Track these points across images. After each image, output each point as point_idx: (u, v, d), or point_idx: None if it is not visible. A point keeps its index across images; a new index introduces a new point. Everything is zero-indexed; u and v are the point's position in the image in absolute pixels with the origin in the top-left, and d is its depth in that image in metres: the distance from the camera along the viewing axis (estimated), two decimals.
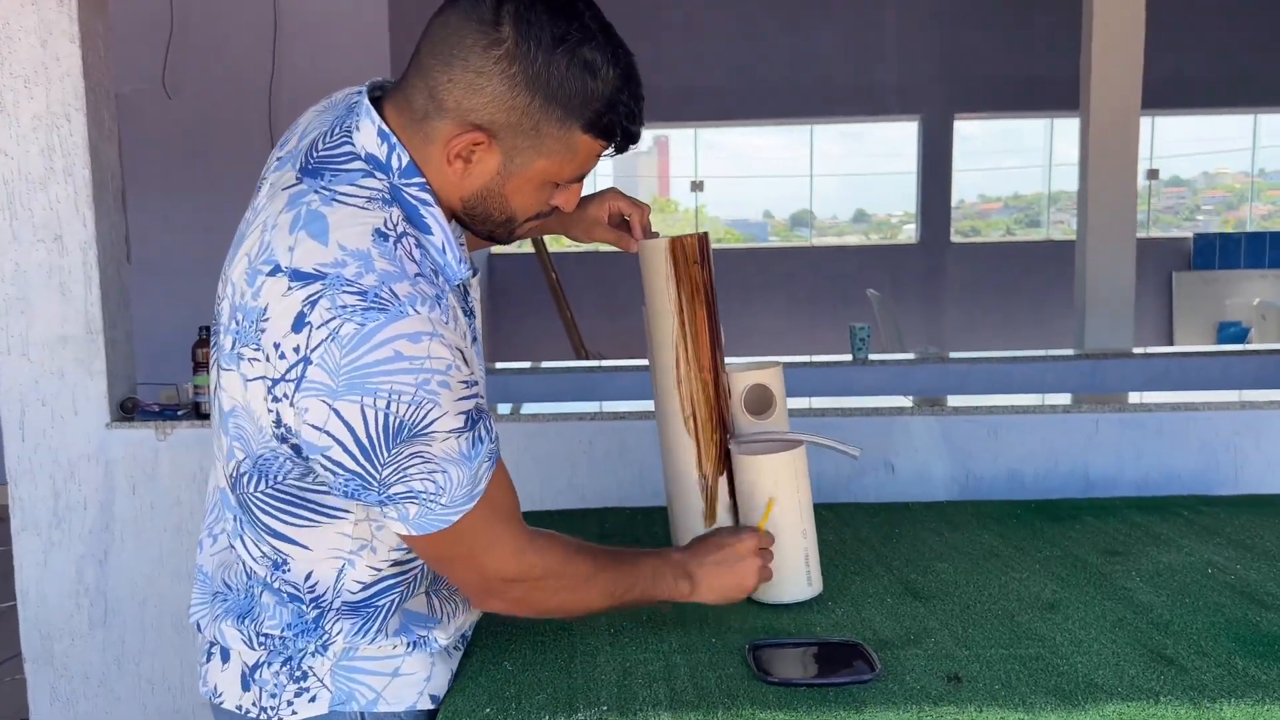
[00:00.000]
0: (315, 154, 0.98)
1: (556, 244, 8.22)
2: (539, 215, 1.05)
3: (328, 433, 0.90)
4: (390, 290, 0.89)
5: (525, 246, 7.72)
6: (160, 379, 2.69)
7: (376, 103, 0.99)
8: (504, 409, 2.61)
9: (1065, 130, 8.83)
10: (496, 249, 8.17)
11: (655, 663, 1.14)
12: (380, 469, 0.91)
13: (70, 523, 2.40)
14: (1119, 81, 4.33)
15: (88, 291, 2.33)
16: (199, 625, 1.09)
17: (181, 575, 2.43)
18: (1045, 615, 1.24)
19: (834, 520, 1.64)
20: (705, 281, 1.27)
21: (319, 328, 0.88)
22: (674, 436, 1.31)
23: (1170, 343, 8.25)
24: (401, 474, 0.91)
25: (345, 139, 0.98)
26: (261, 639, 1.04)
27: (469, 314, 1.05)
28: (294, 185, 0.96)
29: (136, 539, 2.42)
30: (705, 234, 1.28)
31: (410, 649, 1.07)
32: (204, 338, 2.42)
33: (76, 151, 2.30)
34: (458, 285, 1.00)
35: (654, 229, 1.33)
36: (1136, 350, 3.73)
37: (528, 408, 2.63)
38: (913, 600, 1.30)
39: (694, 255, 1.26)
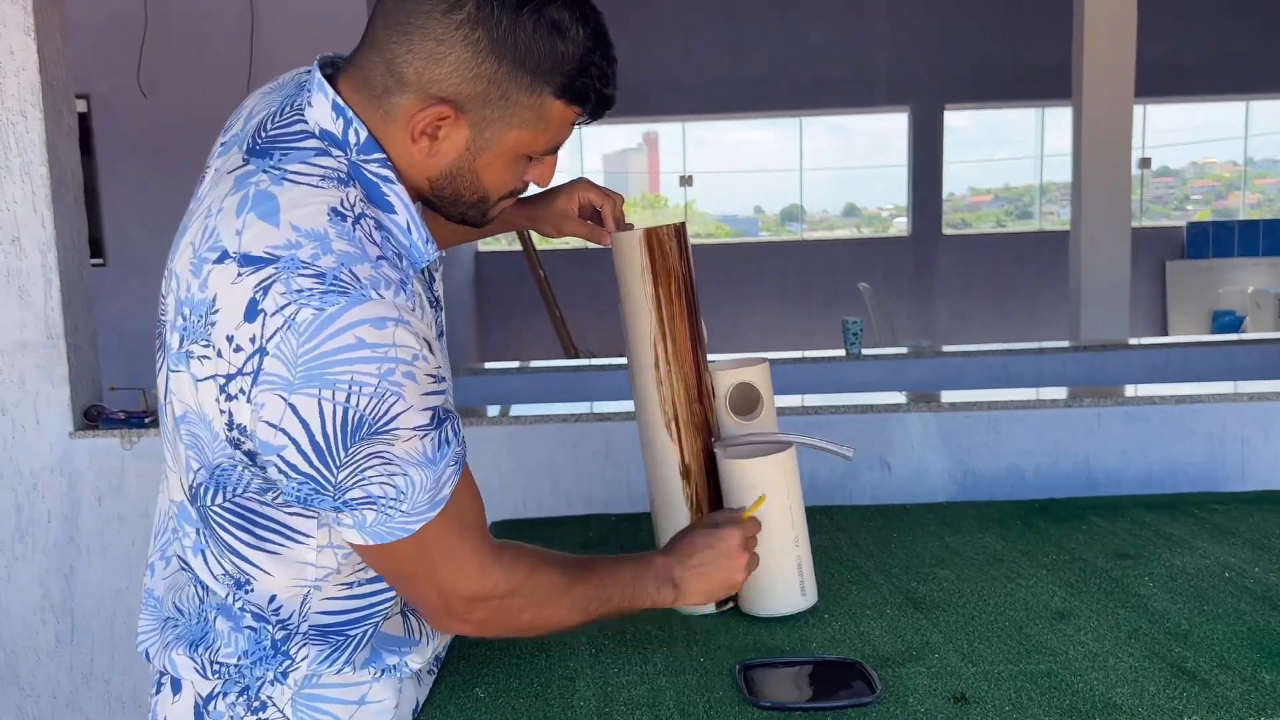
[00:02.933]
0: (264, 134, 0.90)
1: (545, 242, 8.13)
2: (513, 193, 0.98)
3: (283, 430, 0.82)
4: (350, 272, 0.81)
5: (513, 244, 7.63)
6: (137, 381, 2.60)
7: (330, 80, 0.91)
8: (492, 411, 2.52)
9: (1056, 120, 8.78)
10: (483, 245, 8.07)
11: (639, 686, 1.05)
12: (336, 471, 0.83)
13: (34, 536, 2.31)
14: (1112, 68, 4.27)
15: (48, 295, 2.23)
16: (148, 654, 1.01)
17: None
18: (1055, 626, 1.16)
19: (828, 525, 1.56)
20: (684, 274, 1.19)
21: (273, 315, 0.80)
22: (655, 440, 1.22)
23: (1164, 332, 8.22)
24: (359, 477, 0.83)
25: (297, 117, 0.91)
26: (216, 668, 0.95)
27: (435, 305, 0.97)
28: (240, 167, 0.89)
29: (103, 552, 2.33)
30: (682, 224, 1.20)
31: (379, 675, 0.99)
32: None
33: (34, 149, 2.21)
34: (423, 272, 0.93)
35: (630, 221, 1.24)
36: (1134, 341, 3.66)
37: (513, 409, 2.55)
38: (914, 611, 1.22)
39: (671, 247, 1.17)
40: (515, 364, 3.89)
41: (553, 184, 1.26)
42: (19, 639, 2.33)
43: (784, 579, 1.20)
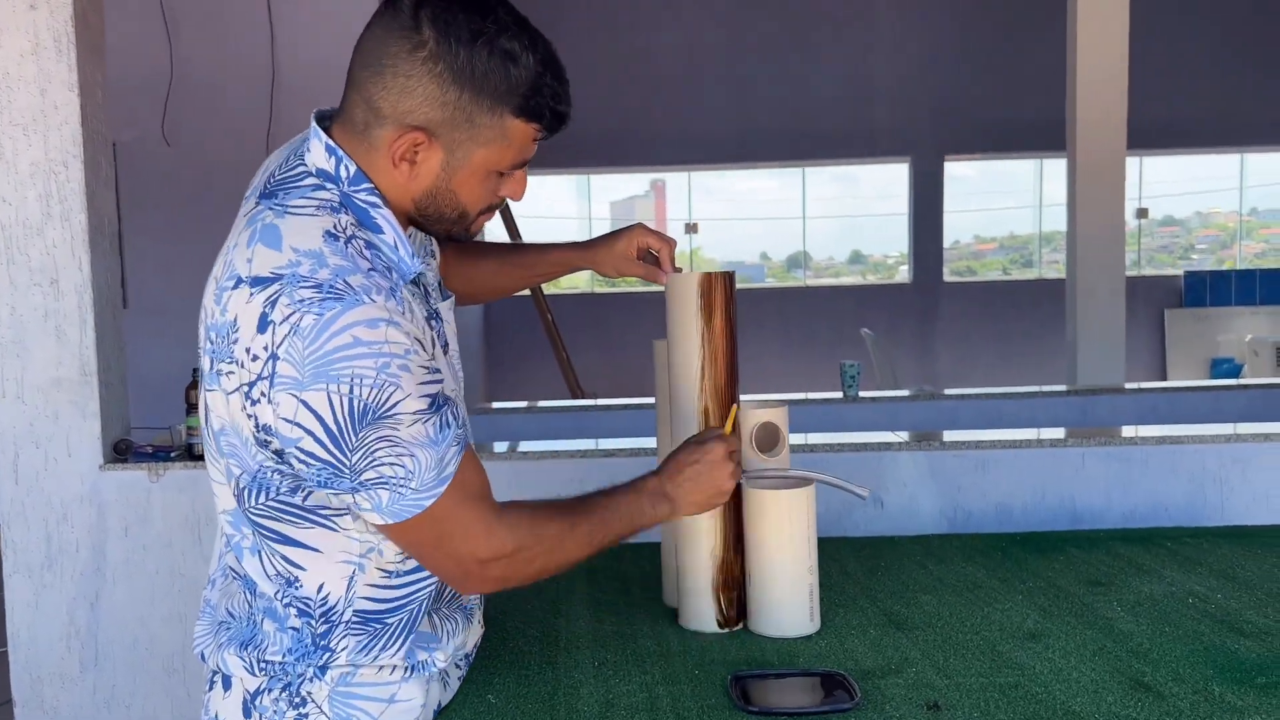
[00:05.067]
0: (273, 180, 1.04)
1: (552, 287, 8.27)
2: (490, 208, 1.10)
3: (298, 424, 0.93)
4: (345, 282, 0.94)
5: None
6: (155, 422, 2.71)
7: (326, 130, 1.05)
8: (500, 448, 2.62)
9: (1054, 171, 8.93)
10: None
11: (638, 694, 1.14)
12: (350, 454, 0.94)
13: (62, 565, 2.40)
14: (1104, 123, 4.40)
15: (83, 335, 2.35)
16: (203, 655, 1.11)
17: (173, 618, 2.43)
18: (1026, 645, 1.25)
19: (820, 555, 1.63)
20: (729, 316, 1.31)
21: (281, 324, 0.92)
22: None
23: (1164, 379, 8.28)
24: (370, 459, 0.94)
25: (299, 163, 1.04)
26: (263, 665, 1.06)
27: (435, 317, 1.09)
28: (252, 209, 1.02)
29: (128, 581, 2.42)
30: (731, 273, 1.33)
31: (408, 673, 1.08)
32: (196, 380, 2.44)
33: (74, 197, 2.34)
34: (416, 285, 1.05)
35: (678, 265, 1.38)
36: (1129, 385, 3.76)
37: (521, 446, 2.64)
38: (895, 631, 1.31)
39: (722, 290, 1.30)
40: (523, 404, 3.99)
41: (609, 230, 1.39)
42: (45, 664, 2.41)
43: (797, 603, 1.30)
